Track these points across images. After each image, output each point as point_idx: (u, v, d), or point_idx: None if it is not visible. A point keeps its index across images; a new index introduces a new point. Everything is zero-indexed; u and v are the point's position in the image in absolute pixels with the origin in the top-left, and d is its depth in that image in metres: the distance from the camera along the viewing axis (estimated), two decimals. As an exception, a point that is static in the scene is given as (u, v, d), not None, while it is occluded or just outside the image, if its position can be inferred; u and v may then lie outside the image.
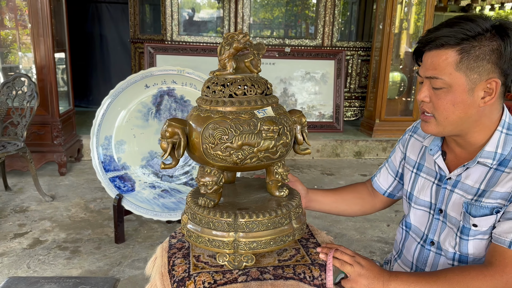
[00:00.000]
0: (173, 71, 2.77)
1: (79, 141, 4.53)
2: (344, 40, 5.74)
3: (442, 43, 1.06)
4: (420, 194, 1.29)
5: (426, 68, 1.11)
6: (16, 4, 4.00)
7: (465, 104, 1.07)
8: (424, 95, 1.12)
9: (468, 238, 1.13)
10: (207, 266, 1.11)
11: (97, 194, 3.64)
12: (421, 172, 1.31)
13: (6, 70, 4.44)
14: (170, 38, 5.16)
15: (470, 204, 1.11)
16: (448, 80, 1.06)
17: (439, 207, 1.22)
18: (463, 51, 1.04)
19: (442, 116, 1.10)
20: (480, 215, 1.09)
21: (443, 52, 1.06)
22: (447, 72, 1.06)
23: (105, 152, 2.77)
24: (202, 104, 1.12)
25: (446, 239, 1.18)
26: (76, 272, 2.48)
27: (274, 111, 1.10)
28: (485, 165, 1.12)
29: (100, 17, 6.44)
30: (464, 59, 1.04)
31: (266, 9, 6.02)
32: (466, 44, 1.04)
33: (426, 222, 1.27)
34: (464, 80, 1.05)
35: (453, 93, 1.07)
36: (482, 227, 1.10)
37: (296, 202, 1.18)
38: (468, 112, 1.08)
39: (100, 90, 6.16)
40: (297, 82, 5.24)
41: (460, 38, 1.04)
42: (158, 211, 2.72)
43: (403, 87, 5.40)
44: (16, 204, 3.40)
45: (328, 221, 3.26)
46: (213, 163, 1.08)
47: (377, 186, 1.50)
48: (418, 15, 5.18)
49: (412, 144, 1.37)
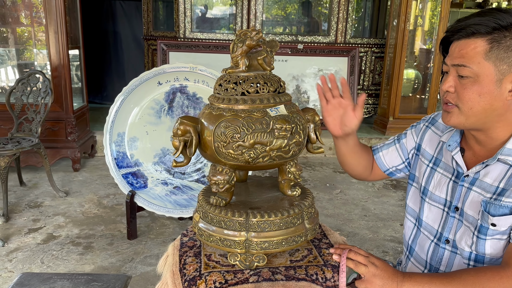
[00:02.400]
0: (186, 68, 2.77)
1: (93, 137, 4.57)
2: (357, 37, 5.68)
3: (473, 31, 1.03)
4: (436, 190, 1.25)
5: (454, 57, 1.08)
6: (32, 2, 4.04)
7: (491, 96, 1.04)
8: (449, 85, 1.09)
9: (486, 237, 1.10)
10: (218, 266, 1.11)
11: (110, 190, 3.67)
12: (437, 167, 1.27)
13: (22, 66, 4.50)
14: (183, 35, 5.17)
15: (489, 203, 1.08)
16: (476, 69, 1.03)
17: (455, 205, 1.19)
18: (494, 40, 1.02)
19: (466, 107, 1.07)
20: (499, 215, 1.06)
21: (472, 41, 1.04)
22: (475, 61, 1.03)
23: (118, 149, 2.78)
24: (214, 102, 1.11)
25: (463, 238, 1.15)
26: (89, 268, 2.50)
27: (287, 109, 1.09)
28: (505, 163, 1.09)
29: (114, 14, 6.47)
30: (494, 48, 1.02)
31: (279, 5, 5.99)
32: (497, 33, 1.02)
33: (440, 220, 1.24)
34: (492, 70, 1.03)
35: (480, 83, 1.04)
36: (501, 227, 1.07)
37: (308, 202, 1.16)
38: (494, 104, 1.05)
39: (114, 86, 6.22)
40: (310, 79, 5.21)
41: (491, 27, 1.02)
42: (170, 207, 2.73)
43: (417, 84, 5.33)
44: (30, 199, 3.45)
45: (340, 219, 3.24)
46: (225, 161, 1.07)
47: (380, 162, 1.43)
48: (433, 12, 5.10)
49: (429, 137, 1.33)
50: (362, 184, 4.02)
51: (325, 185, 3.98)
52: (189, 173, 2.88)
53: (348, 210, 3.43)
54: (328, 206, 3.48)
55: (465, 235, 1.15)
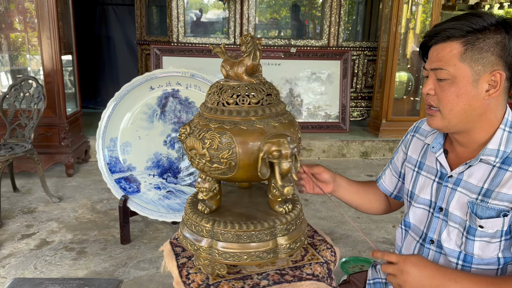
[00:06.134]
0: (178, 73, 2.79)
1: (86, 142, 4.57)
2: (350, 40, 5.72)
3: (448, 35, 1.08)
4: (420, 192, 1.28)
5: (432, 61, 1.12)
6: (25, 7, 4.05)
7: (469, 96, 1.08)
8: (429, 88, 1.13)
9: (475, 238, 1.12)
10: (226, 274, 1.10)
11: (103, 195, 3.67)
12: (422, 170, 1.30)
13: (15, 72, 4.49)
14: (176, 39, 5.18)
15: (476, 204, 1.10)
16: (452, 71, 1.07)
17: (439, 206, 1.21)
18: (468, 42, 1.06)
19: (446, 109, 1.11)
20: (487, 217, 1.09)
21: (448, 44, 1.08)
22: (451, 63, 1.07)
23: (111, 154, 2.79)
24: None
25: (452, 238, 1.17)
26: (82, 273, 2.50)
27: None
28: (488, 163, 1.11)
29: (107, 19, 6.48)
30: (468, 50, 1.06)
31: (272, 9, 6.02)
32: (471, 36, 1.06)
33: (425, 221, 1.26)
34: (468, 71, 1.07)
35: (457, 85, 1.08)
36: (489, 229, 1.09)
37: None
38: (472, 104, 1.09)
39: (108, 91, 6.20)
40: (303, 82, 5.24)
41: (465, 31, 1.06)
42: (163, 212, 2.74)
43: (410, 86, 5.37)
44: (24, 205, 3.44)
45: (333, 222, 3.26)
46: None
47: (384, 188, 1.50)
48: (426, 14, 5.14)
49: (414, 144, 1.38)
50: (356, 186, 4.04)
51: (318, 187, 3.99)
52: (182, 177, 2.89)
53: (342, 213, 3.44)
54: (321, 209, 3.50)
55: (454, 235, 1.17)
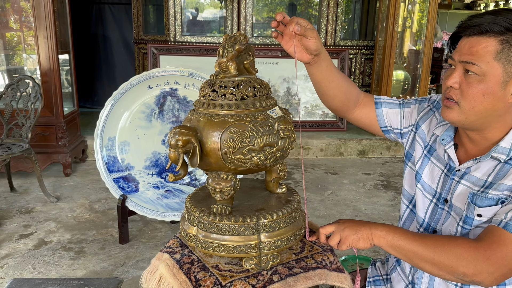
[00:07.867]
0: (176, 72, 2.78)
1: (84, 142, 4.56)
2: (347, 39, 5.72)
3: (486, 29, 1.03)
4: (428, 179, 1.26)
5: (463, 53, 1.06)
6: (21, 6, 4.03)
7: (495, 96, 1.04)
8: (454, 81, 1.08)
9: (470, 228, 1.12)
10: (235, 274, 1.09)
11: (101, 194, 3.66)
12: (431, 156, 1.27)
13: (11, 72, 4.47)
14: (174, 38, 5.17)
15: (476, 195, 1.10)
16: (484, 68, 1.03)
17: (444, 197, 1.21)
18: (506, 41, 1.01)
19: (469, 105, 1.07)
20: (485, 206, 1.08)
21: (484, 39, 1.03)
22: (485, 60, 1.03)
23: (109, 153, 2.78)
24: (210, 109, 1.08)
25: (447, 228, 1.19)
26: (81, 272, 2.50)
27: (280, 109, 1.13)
28: (497, 159, 1.10)
29: (104, 18, 6.45)
30: (505, 49, 1.01)
31: (269, 8, 6.01)
32: (510, 35, 1.02)
33: (425, 210, 1.27)
34: (500, 71, 1.03)
35: (486, 83, 1.04)
36: (486, 217, 1.09)
37: (299, 197, 1.23)
38: (495, 105, 1.05)
39: (105, 90, 6.19)
40: (300, 81, 5.24)
41: (505, 27, 1.02)
42: (162, 211, 2.73)
43: (407, 85, 5.38)
44: (21, 205, 3.43)
45: (332, 220, 3.25)
46: (232, 167, 1.07)
47: (381, 118, 1.38)
48: (422, 13, 5.16)
49: (429, 121, 1.30)
50: (353, 185, 4.05)
51: (316, 186, 4.00)
52: (180, 176, 2.89)
53: (340, 211, 3.45)
54: (319, 207, 3.50)
55: (450, 225, 1.18)
